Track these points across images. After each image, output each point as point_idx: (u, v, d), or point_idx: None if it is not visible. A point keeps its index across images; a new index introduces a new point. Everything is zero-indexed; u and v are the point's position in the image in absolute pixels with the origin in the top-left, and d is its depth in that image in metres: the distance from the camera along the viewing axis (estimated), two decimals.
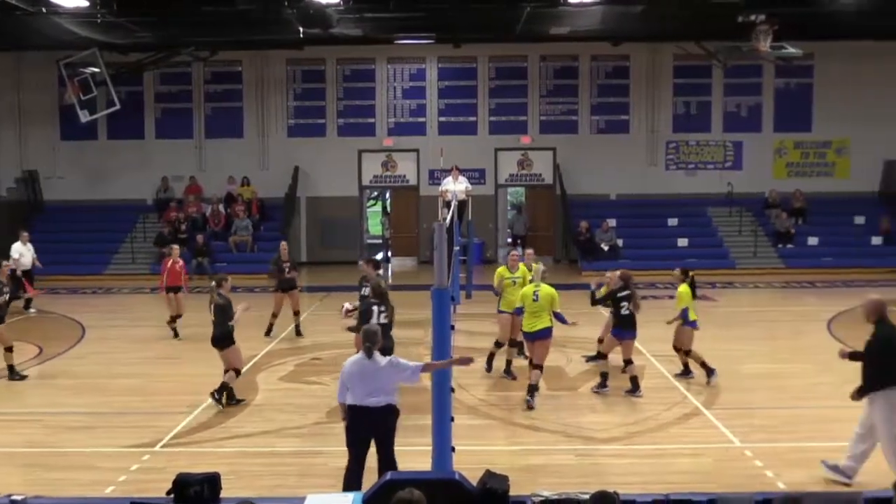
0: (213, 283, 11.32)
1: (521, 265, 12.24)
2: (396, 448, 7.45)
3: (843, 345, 13.66)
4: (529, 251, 14.04)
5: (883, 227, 24.61)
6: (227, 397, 10.81)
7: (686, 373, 11.91)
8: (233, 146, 26.33)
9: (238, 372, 11.00)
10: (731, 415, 10.27)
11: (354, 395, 7.22)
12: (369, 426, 7.24)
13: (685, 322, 11.58)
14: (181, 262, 15.90)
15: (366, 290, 11.39)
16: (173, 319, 15.30)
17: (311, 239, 26.35)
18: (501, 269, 12.22)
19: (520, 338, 11.79)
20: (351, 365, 7.33)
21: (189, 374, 12.60)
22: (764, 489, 7.49)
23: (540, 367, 10.77)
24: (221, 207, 25.42)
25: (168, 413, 10.52)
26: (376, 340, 7.30)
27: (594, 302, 12.04)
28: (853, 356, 8.02)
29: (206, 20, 20.07)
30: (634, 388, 11.11)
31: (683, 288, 11.63)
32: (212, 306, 10.97)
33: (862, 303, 8.21)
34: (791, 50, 21.29)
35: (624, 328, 11.35)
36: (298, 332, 15.28)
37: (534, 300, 10.89)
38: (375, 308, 10.24)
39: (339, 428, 7.62)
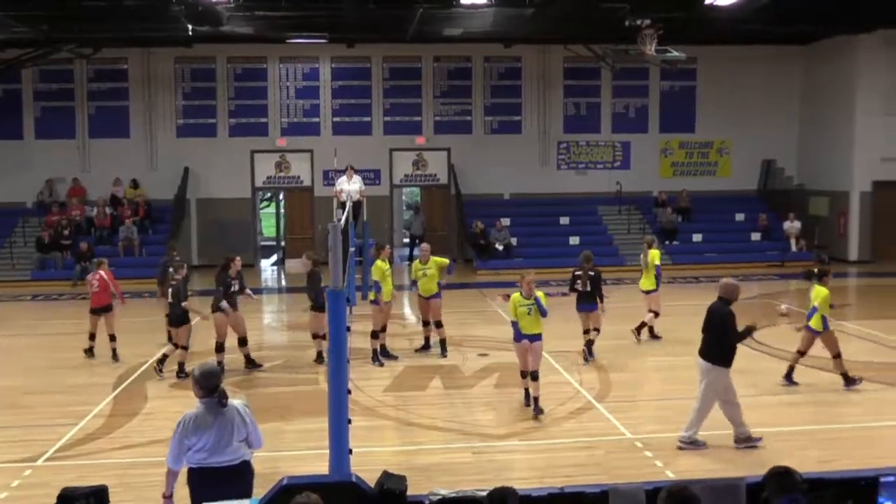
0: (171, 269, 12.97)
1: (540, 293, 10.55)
2: (291, 453, 7.34)
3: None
4: (425, 245, 14.30)
5: (762, 223, 25.81)
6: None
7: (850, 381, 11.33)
8: (119, 147, 25.47)
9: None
10: (621, 407, 10.56)
11: (205, 453, 5.85)
12: (225, 491, 5.69)
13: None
14: (101, 275, 13.52)
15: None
16: (93, 337, 13.56)
17: (202, 241, 25.72)
18: (516, 296, 10.39)
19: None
20: (197, 419, 5.85)
21: (72, 384, 12.11)
22: (654, 478, 7.73)
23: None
24: (107, 210, 24.54)
25: (51, 425, 10.08)
26: (219, 382, 6.02)
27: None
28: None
29: (88, 15, 19.33)
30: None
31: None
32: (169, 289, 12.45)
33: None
34: (675, 54, 22.05)
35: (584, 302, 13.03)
36: (253, 363, 12.90)
37: (423, 275, 13.39)
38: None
39: None
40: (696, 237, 25.48)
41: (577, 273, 13.17)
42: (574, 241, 24.77)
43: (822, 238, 25.60)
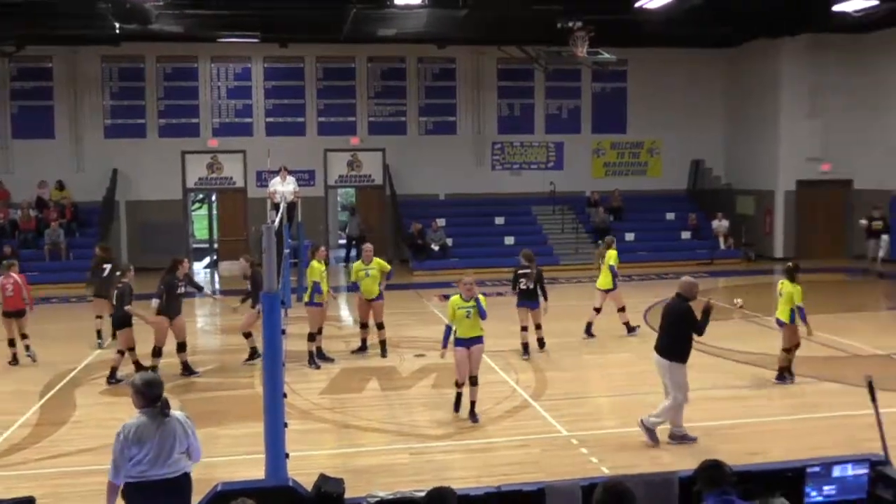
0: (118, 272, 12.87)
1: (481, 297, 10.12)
2: (226, 458, 7.24)
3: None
4: (369, 246, 14.17)
5: (691, 222, 26.37)
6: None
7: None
8: (44, 148, 24.76)
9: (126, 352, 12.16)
10: (557, 405, 10.67)
11: (145, 465, 5.57)
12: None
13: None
14: (14, 280, 13.28)
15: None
16: (12, 343, 13.29)
17: (132, 244, 25.16)
18: (455, 299, 10.08)
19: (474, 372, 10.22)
20: (138, 429, 5.59)
21: None
22: (589, 475, 7.83)
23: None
24: (32, 213, 23.83)
25: None
26: (162, 391, 5.80)
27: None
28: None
29: (9, 11, 18.76)
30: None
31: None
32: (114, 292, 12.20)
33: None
34: (606, 55, 22.41)
35: (526, 300, 13.34)
36: (189, 370, 12.61)
37: (365, 275, 13.41)
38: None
39: None
40: (629, 236, 25.88)
41: (521, 272, 13.38)
42: (509, 241, 24.96)
43: (749, 236, 26.28)
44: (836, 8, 20.01)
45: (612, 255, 14.78)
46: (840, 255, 25.21)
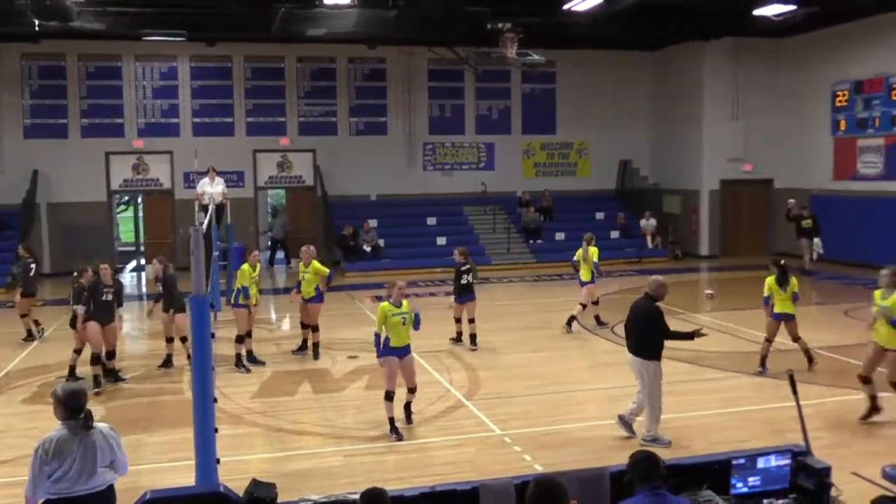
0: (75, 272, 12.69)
1: (405, 301, 9.74)
2: (154, 465, 7.09)
3: (589, 331, 14.80)
4: (311, 249, 14.01)
5: (620, 222, 26.80)
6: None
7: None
8: None
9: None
10: (491, 404, 10.72)
11: (67, 482, 5.34)
12: None
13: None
14: None
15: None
16: None
17: (54, 248, 24.45)
18: (385, 306, 9.57)
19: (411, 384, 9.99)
20: (58, 442, 5.35)
21: None
22: (523, 472, 7.89)
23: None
24: None
25: None
26: (85, 402, 5.56)
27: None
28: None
29: None
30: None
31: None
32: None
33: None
34: (535, 57, 22.61)
35: (465, 294, 13.90)
36: (116, 377, 12.32)
37: (303, 278, 13.47)
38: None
39: None
40: (559, 235, 26.18)
41: (463, 269, 13.85)
42: (441, 241, 25.01)
43: (676, 235, 26.84)
44: (758, 12, 20.58)
45: (594, 252, 15.38)
46: (763, 252, 25.86)
